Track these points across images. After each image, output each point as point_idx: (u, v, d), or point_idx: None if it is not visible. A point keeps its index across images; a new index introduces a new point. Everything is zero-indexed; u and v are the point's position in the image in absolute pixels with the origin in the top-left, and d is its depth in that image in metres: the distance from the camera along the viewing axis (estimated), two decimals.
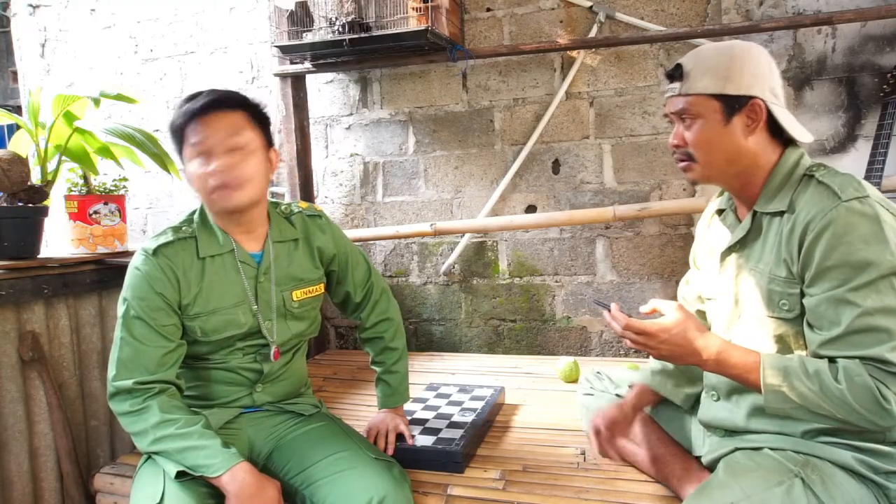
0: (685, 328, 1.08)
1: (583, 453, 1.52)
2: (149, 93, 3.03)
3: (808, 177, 1.10)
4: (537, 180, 2.56)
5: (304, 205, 1.47)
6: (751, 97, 1.10)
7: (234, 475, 1.13)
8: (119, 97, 1.92)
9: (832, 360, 1.02)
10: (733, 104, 1.10)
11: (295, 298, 1.39)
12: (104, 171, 2.01)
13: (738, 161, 1.14)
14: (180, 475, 1.15)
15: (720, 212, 1.29)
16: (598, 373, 1.67)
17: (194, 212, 1.35)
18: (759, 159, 1.14)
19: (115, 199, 1.98)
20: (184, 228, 1.31)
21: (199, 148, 1.22)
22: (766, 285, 1.12)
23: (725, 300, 1.22)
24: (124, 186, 2.04)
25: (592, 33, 2.38)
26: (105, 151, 1.96)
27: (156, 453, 1.18)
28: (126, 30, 3.06)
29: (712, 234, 1.31)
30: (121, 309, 1.25)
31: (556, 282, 2.58)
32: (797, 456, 1.08)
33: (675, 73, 1.15)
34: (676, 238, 2.41)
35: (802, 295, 1.07)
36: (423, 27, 2.16)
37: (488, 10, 2.55)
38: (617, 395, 1.53)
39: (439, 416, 1.65)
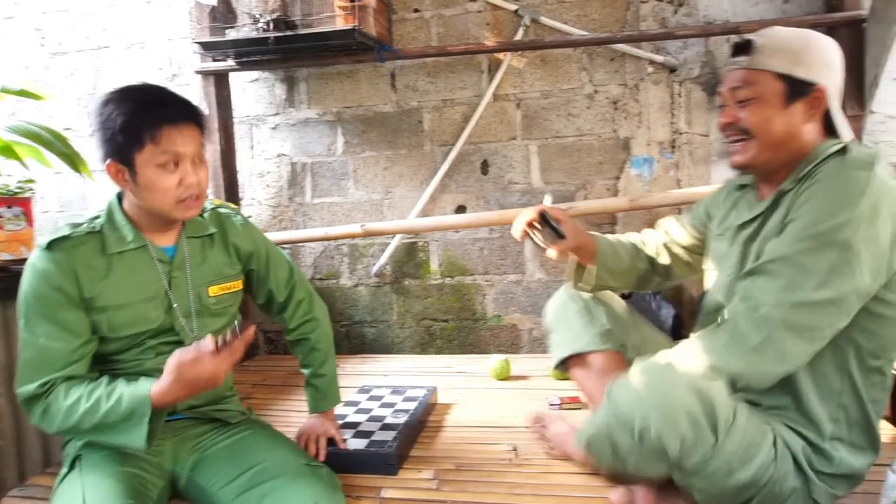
0: None
1: (515, 449, 1.55)
2: (58, 89, 2.85)
3: (840, 151, 1.09)
4: (466, 181, 2.58)
5: (217, 202, 1.44)
6: (816, 86, 1.10)
7: (159, 389, 1.11)
8: (23, 93, 1.80)
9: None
10: (798, 89, 1.10)
11: (211, 294, 1.35)
12: (7, 172, 1.89)
13: (789, 144, 1.13)
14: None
15: (742, 187, 1.29)
16: (593, 296, 1.51)
17: (101, 211, 1.30)
18: (807, 147, 1.14)
19: (19, 202, 1.86)
20: (84, 225, 1.26)
21: (173, 158, 1.20)
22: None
23: (728, 272, 1.23)
24: (31, 189, 1.91)
25: (518, 36, 2.43)
26: (7, 151, 1.83)
27: (92, 439, 1.16)
28: (31, 21, 2.87)
29: (732, 208, 1.30)
30: (21, 311, 1.19)
31: (487, 281, 2.61)
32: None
33: (744, 46, 1.13)
34: None
35: None
36: (349, 26, 2.14)
37: (416, 10, 2.55)
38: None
39: (372, 419, 1.64)
